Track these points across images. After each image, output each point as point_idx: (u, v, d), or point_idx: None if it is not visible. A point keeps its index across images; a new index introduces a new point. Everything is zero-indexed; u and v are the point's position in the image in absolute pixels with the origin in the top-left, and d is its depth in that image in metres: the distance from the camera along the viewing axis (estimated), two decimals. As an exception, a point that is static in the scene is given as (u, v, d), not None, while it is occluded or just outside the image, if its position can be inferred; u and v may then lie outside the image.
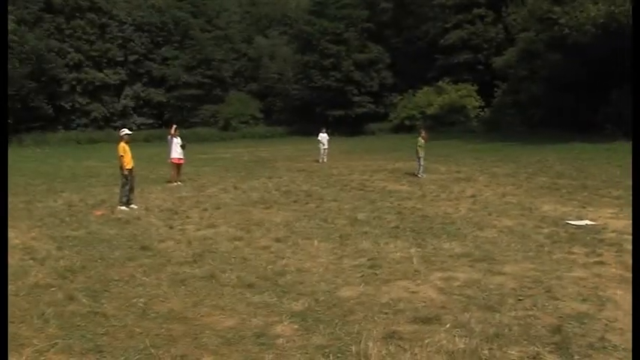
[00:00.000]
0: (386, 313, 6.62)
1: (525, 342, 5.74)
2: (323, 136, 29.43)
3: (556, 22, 34.83)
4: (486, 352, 5.53)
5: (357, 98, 58.55)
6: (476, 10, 52.95)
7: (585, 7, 33.26)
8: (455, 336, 5.89)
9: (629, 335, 5.87)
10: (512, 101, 45.10)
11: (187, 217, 13.47)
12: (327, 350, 5.66)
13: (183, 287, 7.78)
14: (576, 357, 5.42)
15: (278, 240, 10.62)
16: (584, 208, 13.22)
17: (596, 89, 35.71)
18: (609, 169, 20.63)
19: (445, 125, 48.05)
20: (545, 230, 10.85)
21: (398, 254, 9.30)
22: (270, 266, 8.78)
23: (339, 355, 5.57)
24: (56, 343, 5.92)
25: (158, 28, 64.19)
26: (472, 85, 51.15)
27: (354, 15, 59.11)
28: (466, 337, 5.85)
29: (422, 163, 20.64)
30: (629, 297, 7.04)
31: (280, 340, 5.91)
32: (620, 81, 34.21)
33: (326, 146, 29.15)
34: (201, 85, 62.60)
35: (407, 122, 52.92)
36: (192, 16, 64.21)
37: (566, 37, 34.38)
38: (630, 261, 8.67)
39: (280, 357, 5.57)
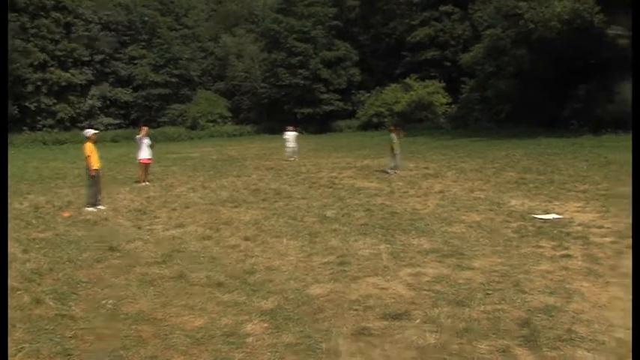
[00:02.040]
0: (355, 310, 6.63)
1: (494, 336, 5.79)
2: (289, 135, 29.31)
3: (522, 17, 35.18)
4: (456, 346, 5.57)
5: (325, 96, 58.48)
6: (442, 7, 53.28)
7: (550, 2, 33.64)
8: (425, 331, 5.93)
9: (597, 326, 5.97)
10: (480, 97, 45.44)
11: (156, 217, 13.37)
12: (297, 348, 5.66)
13: (152, 288, 7.72)
14: (545, 349, 5.48)
15: (247, 239, 10.59)
16: (550, 202, 13.35)
17: (563, 85, 36.12)
18: (576, 163, 20.84)
19: (413, 122, 48.25)
20: (513, 225, 10.95)
21: (367, 251, 9.32)
22: (239, 265, 8.76)
23: (309, 352, 5.58)
24: (23, 348, 5.82)
25: (125, 27, 63.61)
26: (439, 81, 51.41)
27: (322, 13, 58.99)
28: (436, 332, 5.90)
29: (397, 159, 20.66)
30: (595, 289, 7.15)
31: (250, 339, 5.89)
32: (586, 76, 34.65)
33: (293, 144, 29.02)
34: (169, 85, 62.15)
35: (375, 119, 53.07)
36: (160, 14, 63.65)
37: (532, 33, 34.75)
38: (598, 253, 8.83)
39: (250, 356, 5.55)
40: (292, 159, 28.04)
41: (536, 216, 11.68)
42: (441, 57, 53.14)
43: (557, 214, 11.90)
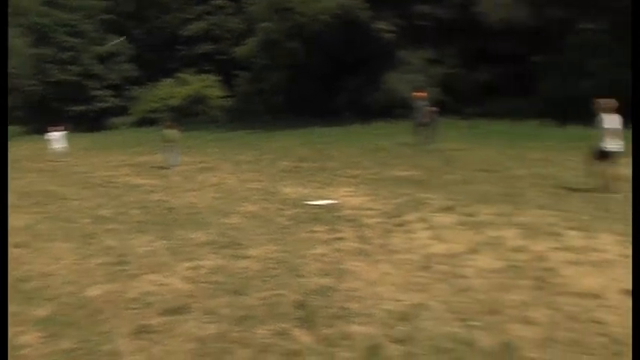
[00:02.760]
0: (135, 309, 6.54)
1: (272, 320, 5.96)
2: (54, 135, 27.98)
3: (293, 11, 36.07)
4: (235, 334, 5.68)
5: (97, 92, 56.25)
6: (216, 1, 53.28)
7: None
8: (204, 322, 5.98)
9: (369, 302, 6.37)
10: (255, 90, 46.03)
11: None
12: (75, 354, 5.49)
13: None
14: (320, 328, 5.73)
15: (18, 245, 10.01)
16: (324, 188, 13.89)
17: (335, 76, 37.50)
18: (347, 150, 21.81)
19: (189, 116, 47.87)
20: (288, 212, 11.28)
21: (144, 248, 9.20)
22: (12, 273, 8.28)
23: (88, 356, 5.43)
24: None
25: None
26: (215, 75, 51.42)
27: (91, 6, 56.72)
28: (215, 322, 5.97)
29: (173, 154, 20.41)
30: (367, 267, 7.59)
31: (26, 350, 5.63)
32: (356, 68, 36.28)
33: (61, 144, 27.74)
34: None
35: (151, 115, 52.04)
36: None
37: (304, 27, 35.74)
38: (368, 234, 9.35)
39: (26, 367, 5.32)
40: (63, 160, 26.80)
41: (310, 202, 12.10)
42: (215, 51, 53.10)
43: (331, 199, 12.41)
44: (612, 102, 12.79)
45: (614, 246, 8.53)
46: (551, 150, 19.98)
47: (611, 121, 12.66)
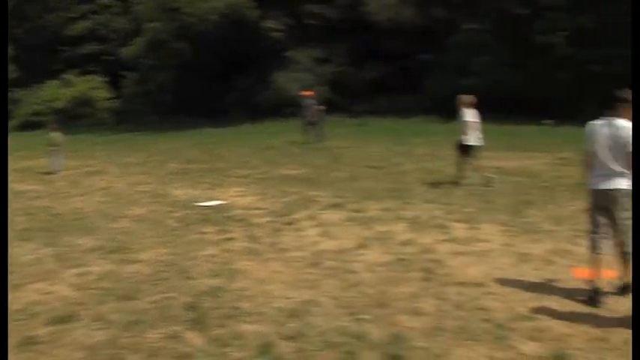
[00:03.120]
0: (20, 320, 6.27)
1: (164, 324, 5.87)
2: None
3: (181, 11, 35.62)
4: (126, 340, 5.56)
5: (-25, 96, 54.03)
6: (101, 1, 51.90)
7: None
8: (93, 330, 5.82)
9: (260, 300, 6.37)
10: (143, 91, 45.18)
11: None
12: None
13: None
14: (212, 328, 5.69)
15: None
16: (214, 189, 13.78)
17: (224, 76, 37.30)
18: (236, 150, 21.73)
19: (75, 119, 46.47)
20: (177, 214, 11.12)
21: (29, 256, 8.85)
22: None
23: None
24: None
25: None
26: (101, 76, 50.11)
27: (-38, 4, 54.31)
28: (105, 329, 5.82)
29: (59, 158, 19.71)
30: (257, 266, 7.59)
31: None
32: (245, 67, 36.19)
33: None
34: None
35: (34, 118, 50.13)
36: None
37: (192, 27, 35.37)
38: (258, 233, 9.36)
39: None
40: None
41: (199, 204, 11.99)
42: (101, 51, 51.62)
43: (220, 200, 12.34)
44: (472, 98, 13.36)
45: (497, 236, 8.89)
46: (437, 145, 20.58)
47: (473, 115, 13.20)
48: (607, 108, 6.24)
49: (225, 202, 12.03)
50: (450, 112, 29.12)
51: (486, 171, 13.38)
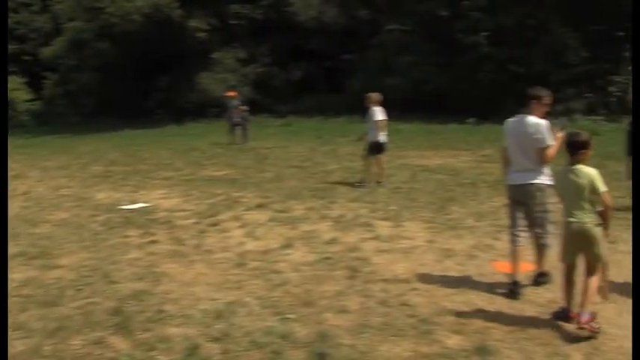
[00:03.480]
0: None
1: (88, 330, 5.76)
2: None
3: (103, 11, 34.97)
4: (49, 347, 5.44)
5: None
6: (20, -2, 50.57)
7: (132, -4, 34.06)
8: (14, 339, 5.66)
9: (185, 303, 6.33)
10: (64, 92, 44.20)
11: None
12: None
13: None
14: (137, 333, 5.62)
15: None
16: (137, 192, 13.57)
17: (147, 77, 36.83)
18: (160, 152, 21.49)
19: (-6, 122, 45.15)
20: (101, 218, 10.91)
21: (-55, 264, 8.60)
22: None
23: None
24: None
25: None
26: (21, 77, 48.69)
27: None
28: (26, 337, 5.68)
29: None
30: (182, 269, 7.54)
31: None
32: (168, 68, 35.78)
33: None
34: None
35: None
36: None
37: (115, 26, 34.78)
38: (182, 235, 9.29)
39: None
40: None
41: (123, 207, 11.81)
42: (20, 51, 50.13)
43: (144, 202, 12.18)
44: (379, 96, 13.57)
45: (421, 233, 9.07)
46: (361, 145, 20.76)
47: (383, 113, 13.41)
48: (521, 106, 6.47)
49: (149, 205, 11.88)
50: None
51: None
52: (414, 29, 32.38)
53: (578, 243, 5.58)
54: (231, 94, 25.41)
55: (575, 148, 5.58)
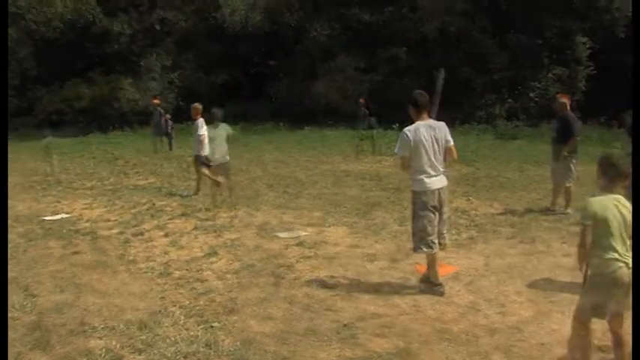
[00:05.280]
0: None
1: (1, 345, 5.65)
2: None
3: (23, 17, 34.10)
4: (-38, 365, 5.31)
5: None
6: None
7: (52, 2, 33.26)
8: None
9: (108, 314, 6.25)
10: None
11: None
12: None
13: None
14: (57, 347, 5.53)
15: None
16: (60, 202, 13.25)
17: (70, 84, 35.96)
18: (83, 161, 21.10)
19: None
20: (21, 229, 10.62)
21: None
22: None
23: None
24: None
25: None
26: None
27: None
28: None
29: None
30: (105, 279, 7.45)
31: None
32: (92, 76, 35.04)
33: None
34: None
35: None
36: None
37: (36, 33, 33.99)
38: (106, 246, 9.15)
39: None
40: None
41: (44, 218, 11.55)
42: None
43: (66, 213, 11.94)
44: (200, 106, 14.27)
45: (345, 238, 9.17)
46: (285, 151, 20.90)
47: (204, 127, 13.58)
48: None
49: (71, 216, 11.66)
50: (295, 118, 29.87)
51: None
52: (338, 35, 32.64)
53: (620, 292, 4.49)
54: (156, 101, 25.13)
55: (618, 176, 4.60)
